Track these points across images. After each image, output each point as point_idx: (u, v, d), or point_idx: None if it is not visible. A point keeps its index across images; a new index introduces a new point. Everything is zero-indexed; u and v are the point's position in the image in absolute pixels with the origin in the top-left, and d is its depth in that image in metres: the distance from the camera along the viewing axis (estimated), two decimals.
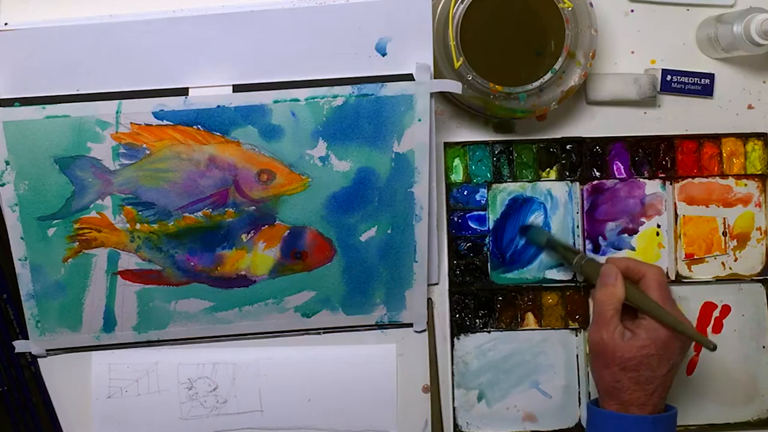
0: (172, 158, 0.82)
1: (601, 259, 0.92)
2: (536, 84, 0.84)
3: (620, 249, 0.92)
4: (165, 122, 0.81)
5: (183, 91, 0.81)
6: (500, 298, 0.92)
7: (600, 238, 0.92)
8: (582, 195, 0.92)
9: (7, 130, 0.80)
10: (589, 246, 0.92)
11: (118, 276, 0.86)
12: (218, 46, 0.80)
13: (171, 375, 0.90)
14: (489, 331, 0.92)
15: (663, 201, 0.93)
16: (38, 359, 0.89)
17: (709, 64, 0.93)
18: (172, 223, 0.84)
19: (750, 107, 0.93)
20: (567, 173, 0.92)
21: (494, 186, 0.92)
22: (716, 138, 0.93)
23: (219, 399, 0.90)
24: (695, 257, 0.93)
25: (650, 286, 0.81)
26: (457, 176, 0.92)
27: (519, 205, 0.92)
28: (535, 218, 0.92)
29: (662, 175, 0.92)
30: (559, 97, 0.86)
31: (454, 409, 0.92)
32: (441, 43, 0.84)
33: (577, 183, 0.92)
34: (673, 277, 0.93)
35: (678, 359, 0.81)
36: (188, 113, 0.81)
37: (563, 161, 0.92)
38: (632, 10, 0.92)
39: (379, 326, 0.91)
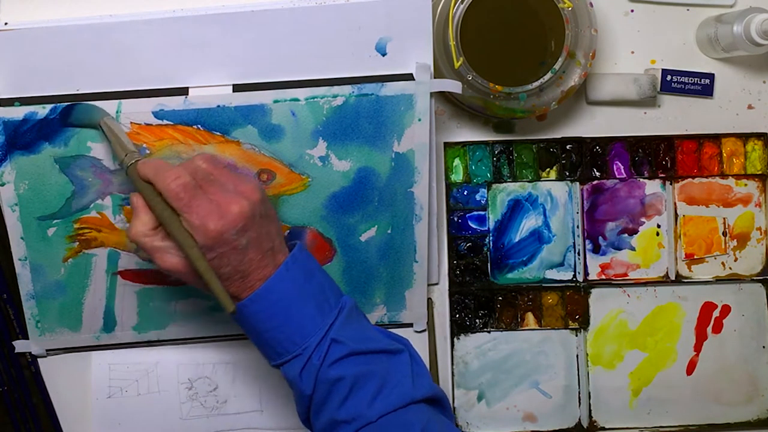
0: (172, 158, 0.82)
1: (600, 259, 0.92)
2: (536, 84, 0.84)
3: (620, 249, 0.92)
4: (165, 122, 0.81)
5: (183, 91, 0.81)
6: (500, 298, 0.92)
7: (600, 238, 0.92)
8: (582, 195, 0.92)
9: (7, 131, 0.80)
10: (589, 246, 0.92)
11: (118, 276, 0.86)
12: (218, 46, 0.80)
13: (171, 375, 0.90)
14: (489, 331, 0.92)
15: (663, 201, 0.93)
16: (38, 359, 0.89)
17: (709, 64, 0.93)
18: None
19: (750, 107, 0.93)
20: (567, 173, 0.92)
21: (494, 186, 0.92)
22: (716, 138, 0.93)
23: (219, 399, 0.90)
24: (695, 257, 0.93)
25: (169, 202, 0.71)
26: (457, 176, 0.92)
27: (520, 206, 0.92)
28: (536, 220, 0.92)
29: (662, 175, 0.93)
30: (559, 97, 0.86)
31: (454, 409, 0.92)
32: (441, 43, 0.84)
33: (577, 183, 0.92)
34: (673, 277, 0.93)
35: (235, 243, 0.71)
36: (188, 113, 0.81)
37: (563, 161, 0.92)
38: (632, 10, 0.92)
39: (379, 326, 0.91)
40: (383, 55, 0.82)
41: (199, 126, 0.81)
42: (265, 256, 0.73)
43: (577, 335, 0.93)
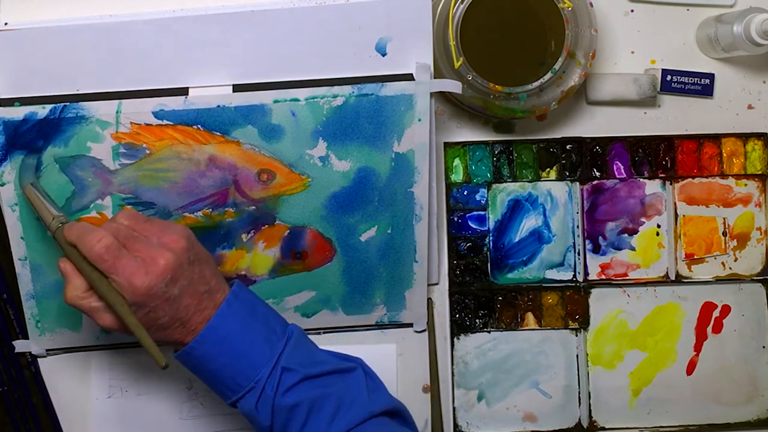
0: (172, 158, 0.82)
1: (600, 259, 0.92)
2: (536, 84, 0.84)
3: (620, 249, 0.92)
4: (165, 122, 0.81)
5: (183, 91, 0.81)
6: (500, 298, 0.92)
7: (600, 238, 0.92)
8: (582, 195, 0.92)
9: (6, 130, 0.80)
10: (589, 246, 0.92)
11: None
12: (218, 46, 0.80)
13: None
14: (489, 331, 0.92)
15: (663, 201, 0.93)
16: (38, 359, 0.89)
17: (709, 64, 0.93)
18: None
19: (750, 107, 0.93)
20: (567, 173, 0.92)
21: (494, 186, 0.92)
22: (716, 138, 0.93)
23: (219, 399, 0.90)
24: (695, 257, 0.93)
25: (95, 265, 0.72)
26: (457, 176, 0.92)
27: (520, 206, 0.92)
28: (536, 220, 0.92)
29: (662, 175, 0.93)
30: (559, 97, 0.86)
31: (454, 409, 0.92)
32: (441, 43, 0.84)
33: (577, 183, 0.92)
34: (673, 277, 0.93)
35: (167, 294, 0.72)
36: (188, 113, 0.81)
37: (563, 161, 0.92)
38: (632, 10, 0.92)
39: (379, 326, 0.91)
40: (383, 55, 0.82)
41: (199, 126, 0.81)
42: (201, 299, 0.74)
43: (577, 335, 0.93)
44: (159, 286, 0.71)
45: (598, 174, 0.92)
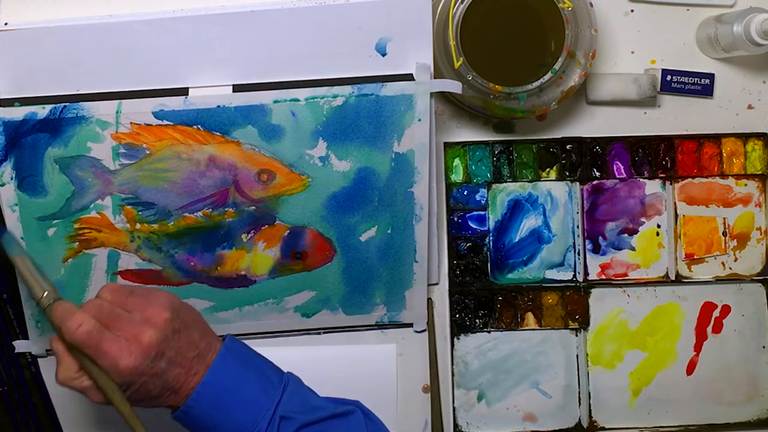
0: (172, 158, 0.82)
1: (600, 259, 0.92)
2: (536, 84, 0.84)
3: (620, 249, 0.92)
4: (165, 122, 0.81)
5: (183, 91, 0.81)
6: (500, 298, 0.92)
7: (600, 238, 0.92)
8: (582, 195, 0.92)
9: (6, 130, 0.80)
10: (589, 246, 0.92)
11: (119, 276, 0.86)
12: (218, 46, 0.80)
13: None
14: (489, 331, 0.92)
15: (663, 201, 0.93)
16: (38, 359, 0.89)
17: (709, 64, 0.93)
18: (172, 223, 0.84)
19: (750, 107, 0.93)
20: (567, 173, 0.92)
21: (494, 186, 0.92)
22: (716, 138, 0.93)
23: None
24: (695, 257, 0.93)
25: (76, 345, 0.71)
26: (457, 176, 0.92)
27: (520, 206, 0.92)
28: (536, 220, 0.92)
29: (662, 175, 0.93)
30: (559, 97, 0.86)
31: (454, 409, 0.92)
32: (441, 43, 0.84)
33: (577, 183, 0.92)
34: (673, 277, 0.93)
35: (154, 370, 0.72)
36: (188, 113, 0.81)
37: (563, 161, 0.92)
38: (632, 10, 0.92)
39: (379, 326, 0.91)
40: (383, 55, 0.82)
41: (199, 126, 0.81)
42: (191, 365, 0.73)
43: (577, 335, 0.93)
44: (145, 363, 0.71)
45: (598, 174, 0.92)
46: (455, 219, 0.92)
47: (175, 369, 0.73)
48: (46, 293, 0.74)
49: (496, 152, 0.92)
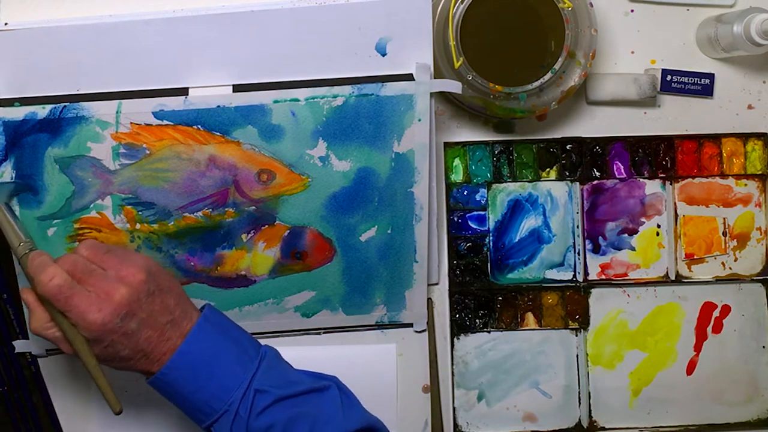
0: (172, 158, 0.82)
1: (600, 259, 0.92)
2: (536, 84, 0.84)
3: (620, 249, 0.92)
4: (165, 122, 0.81)
5: (183, 91, 0.81)
6: (500, 298, 0.92)
7: (600, 238, 0.92)
8: (582, 195, 0.92)
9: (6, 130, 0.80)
10: (589, 246, 0.92)
11: None
12: (218, 46, 0.80)
13: None
14: (489, 331, 0.92)
15: (663, 201, 0.93)
16: (38, 359, 0.89)
17: (709, 64, 0.93)
18: (172, 223, 0.84)
19: (750, 107, 0.93)
20: (567, 173, 0.92)
21: (494, 186, 0.92)
22: (716, 138, 0.93)
23: None
24: (695, 257, 0.93)
25: (49, 302, 0.72)
26: (457, 176, 0.92)
27: (520, 206, 0.92)
28: (536, 220, 0.92)
29: (662, 175, 0.93)
30: (559, 97, 0.86)
31: (454, 409, 0.92)
32: (441, 43, 0.84)
33: (577, 183, 0.92)
34: (673, 277, 0.93)
35: (124, 329, 0.72)
36: (188, 113, 0.81)
37: (563, 161, 0.92)
38: (632, 10, 0.92)
39: (379, 326, 0.91)
40: (383, 55, 0.82)
41: (199, 126, 0.81)
42: (164, 330, 0.73)
43: (577, 335, 0.93)
44: (114, 321, 0.71)
45: (598, 174, 0.92)
46: (455, 219, 0.92)
47: (147, 331, 0.72)
48: (21, 243, 0.76)
49: (496, 152, 0.92)
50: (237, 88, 0.81)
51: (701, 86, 0.92)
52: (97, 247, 0.76)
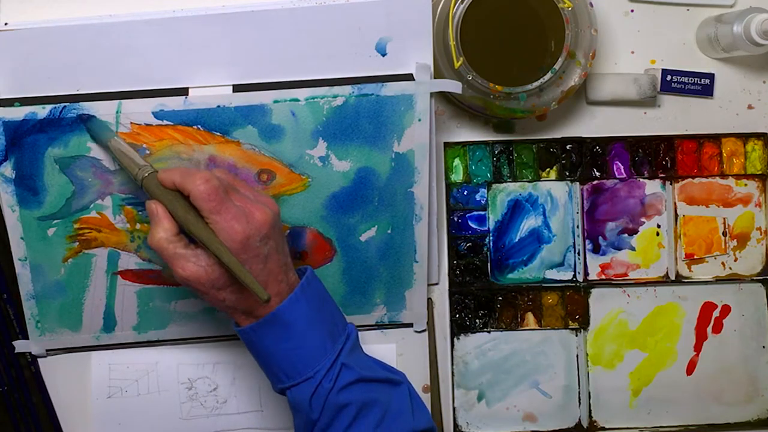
0: (172, 158, 0.82)
1: (600, 259, 0.92)
2: (536, 84, 0.84)
3: (620, 249, 0.92)
4: (165, 122, 0.81)
5: (183, 91, 0.81)
6: (500, 298, 0.92)
7: (600, 238, 0.92)
8: (582, 195, 0.92)
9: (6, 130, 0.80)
10: (589, 246, 0.92)
11: (118, 276, 0.86)
12: (218, 46, 0.80)
13: (171, 375, 0.90)
14: (489, 331, 0.92)
15: (663, 201, 0.93)
16: (38, 359, 0.89)
17: (709, 64, 0.93)
18: None
19: (750, 107, 0.93)
20: (567, 173, 0.92)
21: (494, 186, 0.92)
22: (716, 138, 0.93)
23: (219, 399, 0.90)
24: (695, 257, 0.93)
25: (198, 204, 0.71)
26: (457, 176, 0.92)
27: (520, 206, 0.92)
28: (536, 220, 0.92)
29: (662, 175, 0.93)
30: (559, 97, 0.86)
31: (454, 409, 0.92)
32: (441, 43, 0.84)
33: (577, 183, 0.92)
34: (673, 277, 0.93)
35: (258, 251, 0.72)
36: (188, 113, 0.81)
37: (563, 161, 0.92)
38: (632, 10, 0.92)
39: (379, 326, 0.91)
40: (383, 55, 0.82)
41: (199, 126, 0.81)
42: (281, 270, 0.73)
43: (577, 335, 0.93)
44: (255, 238, 0.71)
45: (598, 174, 0.92)
46: (455, 219, 0.92)
47: (272, 263, 0.72)
48: (142, 166, 0.76)
49: (496, 152, 0.92)
50: (237, 88, 0.81)
51: (701, 86, 0.92)
52: (232, 174, 0.77)
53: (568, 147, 0.92)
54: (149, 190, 0.75)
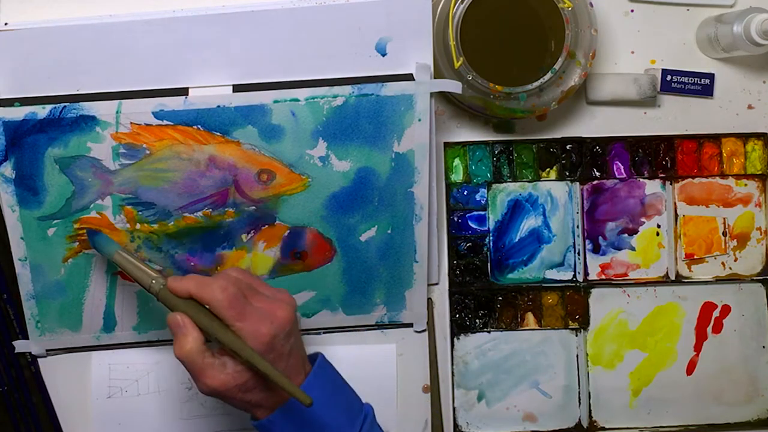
0: (172, 158, 0.82)
1: (600, 259, 0.92)
2: (536, 84, 0.84)
3: (620, 249, 0.92)
4: (165, 122, 0.81)
5: (183, 91, 0.81)
6: (500, 298, 0.92)
7: (600, 238, 0.92)
8: (582, 195, 0.92)
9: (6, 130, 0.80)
10: (589, 246, 0.92)
11: (118, 276, 0.86)
12: (218, 46, 0.80)
13: (171, 375, 0.90)
14: (489, 331, 0.92)
15: (663, 201, 0.93)
16: (38, 359, 0.89)
17: (709, 64, 0.93)
18: (172, 223, 0.84)
19: (750, 107, 0.93)
20: (567, 173, 0.92)
21: (494, 186, 0.92)
22: (716, 138, 0.93)
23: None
24: (695, 257, 0.93)
25: (220, 313, 0.71)
26: (457, 176, 0.92)
27: (520, 206, 0.92)
28: (536, 220, 0.92)
29: (662, 175, 0.93)
30: (559, 97, 0.86)
31: (454, 409, 0.92)
32: (441, 43, 0.84)
33: (577, 183, 0.92)
34: (673, 277, 0.93)
35: (282, 348, 0.73)
36: (188, 113, 0.81)
37: (563, 161, 0.92)
38: (632, 10, 0.92)
39: (379, 326, 0.91)
40: (383, 55, 0.82)
41: (199, 126, 0.81)
42: (300, 362, 0.75)
43: (577, 335, 0.93)
44: (280, 336, 0.72)
45: (598, 174, 0.92)
46: (455, 219, 0.92)
47: (293, 358, 0.73)
48: (154, 278, 0.74)
49: (496, 152, 0.92)
50: (237, 88, 0.81)
51: (701, 86, 0.92)
52: (247, 271, 0.78)
53: (568, 147, 0.92)
54: (167, 301, 0.74)
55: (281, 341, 0.72)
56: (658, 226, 0.93)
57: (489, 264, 0.92)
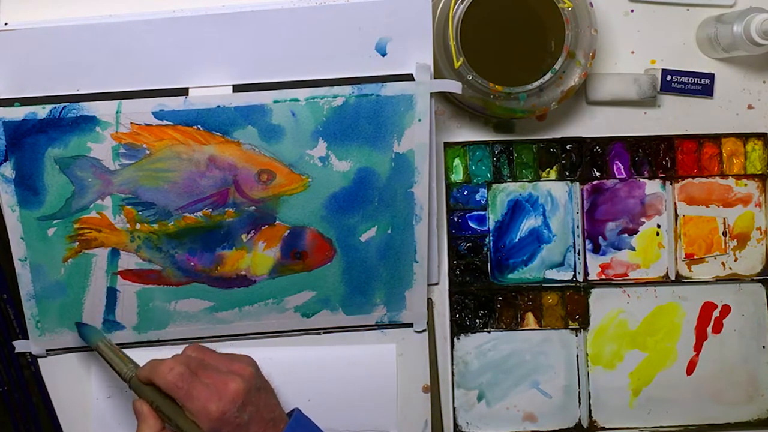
0: (172, 158, 0.82)
1: (600, 259, 0.92)
2: (536, 84, 0.84)
3: (620, 249, 0.92)
4: (165, 122, 0.81)
5: (183, 91, 0.81)
6: (500, 298, 0.92)
7: (600, 238, 0.92)
8: (582, 195, 0.92)
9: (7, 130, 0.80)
10: (589, 246, 0.92)
11: (118, 276, 0.86)
12: (218, 46, 0.80)
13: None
14: (489, 331, 0.92)
15: (663, 201, 0.93)
16: (38, 359, 0.89)
17: (709, 64, 0.93)
18: (172, 223, 0.84)
19: (750, 107, 0.93)
20: (567, 173, 0.92)
21: (494, 186, 0.92)
22: (716, 138, 0.93)
23: None
24: (695, 257, 0.93)
25: (170, 394, 0.75)
26: (457, 176, 0.92)
27: (520, 206, 0.92)
28: (536, 220, 0.92)
29: (662, 175, 0.93)
30: (559, 97, 0.86)
31: (454, 409, 0.92)
32: (441, 43, 0.84)
33: (577, 183, 0.92)
34: (673, 277, 0.93)
35: (238, 420, 0.74)
36: (188, 113, 0.81)
37: (563, 161, 0.92)
38: (632, 10, 0.92)
39: (379, 326, 0.91)
40: (383, 55, 0.82)
41: (199, 126, 0.81)
42: (267, 427, 0.75)
43: (577, 335, 0.93)
44: (231, 411, 0.73)
45: (598, 174, 0.92)
46: (455, 219, 0.92)
47: (254, 426, 0.74)
48: (128, 367, 0.79)
49: (496, 152, 0.92)
50: (237, 88, 0.81)
51: (701, 86, 0.92)
52: (203, 348, 0.79)
53: (568, 147, 0.92)
54: (137, 390, 0.78)
55: (234, 415, 0.73)
56: (658, 226, 0.93)
57: (489, 264, 0.92)
